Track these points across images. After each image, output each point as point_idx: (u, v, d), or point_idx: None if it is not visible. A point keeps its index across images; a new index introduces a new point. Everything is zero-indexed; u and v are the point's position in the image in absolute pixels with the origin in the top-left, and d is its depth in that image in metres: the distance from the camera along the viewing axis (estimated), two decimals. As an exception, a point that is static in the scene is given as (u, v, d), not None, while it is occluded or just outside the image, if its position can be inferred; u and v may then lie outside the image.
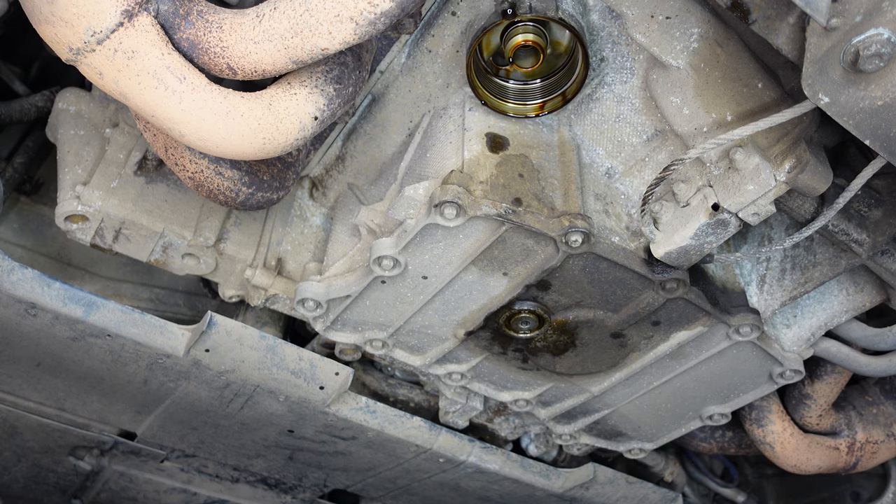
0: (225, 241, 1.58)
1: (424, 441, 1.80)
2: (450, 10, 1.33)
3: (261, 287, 1.60)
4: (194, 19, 1.05)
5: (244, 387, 1.62)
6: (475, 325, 1.52)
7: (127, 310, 1.47)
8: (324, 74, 1.16)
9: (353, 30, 1.02)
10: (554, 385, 1.72)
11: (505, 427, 1.99)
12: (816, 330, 1.61)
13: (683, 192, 1.30)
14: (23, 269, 1.38)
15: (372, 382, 1.92)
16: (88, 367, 1.59)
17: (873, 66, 0.86)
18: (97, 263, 1.83)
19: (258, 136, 1.11)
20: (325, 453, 1.92)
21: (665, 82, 1.28)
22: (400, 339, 1.62)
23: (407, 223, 1.34)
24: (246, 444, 1.92)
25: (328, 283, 1.49)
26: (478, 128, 1.35)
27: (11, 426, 1.84)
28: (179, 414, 1.78)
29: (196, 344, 1.50)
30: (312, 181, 1.67)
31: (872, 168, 1.11)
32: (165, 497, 2.14)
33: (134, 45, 1.00)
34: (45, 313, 1.42)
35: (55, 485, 2.10)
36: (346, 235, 1.57)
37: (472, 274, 1.41)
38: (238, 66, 1.07)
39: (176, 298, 1.91)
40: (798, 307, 1.62)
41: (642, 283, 1.40)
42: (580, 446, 1.96)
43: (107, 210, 1.46)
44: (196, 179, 1.30)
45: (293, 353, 1.59)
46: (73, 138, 1.53)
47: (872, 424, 2.00)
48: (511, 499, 2.07)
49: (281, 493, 2.19)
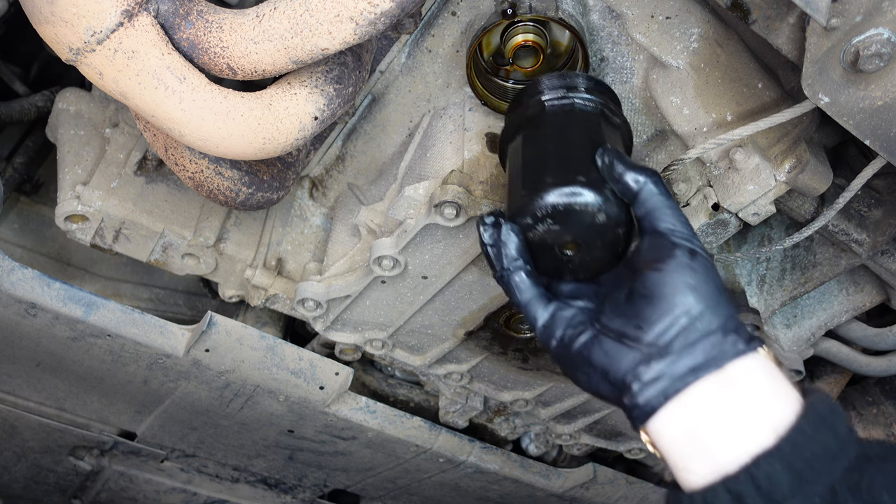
0: (225, 241, 1.58)
1: (424, 441, 1.80)
2: (450, 10, 1.33)
3: (261, 287, 1.60)
4: (194, 19, 1.05)
5: (244, 387, 1.62)
6: (475, 325, 1.52)
7: (127, 310, 1.47)
8: (324, 74, 1.16)
9: (353, 30, 1.02)
10: (554, 385, 1.72)
11: (505, 427, 1.98)
12: (816, 330, 1.61)
13: (683, 192, 1.30)
14: (23, 269, 1.38)
15: (372, 382, 1.92)
16: (88, 367, 1.59)
17: (873, 66, 0.86)
18: (97, 263, 1.83)
19: (258, 136, 1.11)
20: (325, 453, 1.92)
21: (665, 82, 1.28)
22: (400, 339, 1.61)
23: (407, 223, 1.34)
24: (246, 444, 1.92)
25: (328, 283, 1.49)
26: (478, 128, 1.35)
27: (11, 426, 1.84)
28: (179, 414, 1.77)
29: (196, 344, 1.50)
30: (312, 181, 1.67)
31: (872, 168, 1.11)
32: (165, 497, 2.14)
33: (134, 45, 1.00)
34: (45, 313, 1.42)
35: (55, 485, 2.10)
36: (346, 235, 1.57)
37: (473, 274, 1.41)
38: (238, 66, 1.07)
39: (176, 298, 1.91)
40: (798, 307, 1.62)
41: (642, 283, 1.40)
42: (580, 446, 1.96)
43: (107, 210, 1.46)
44: (196, 179, 1.30)
45: (293, 353, 1.59)
46: (73, 138, 1.53)
47: (873, 424, 2.00)
48: (511, 499, 2.07)
49: (281, 493, 2.19)
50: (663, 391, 0.77)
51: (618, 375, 0.81)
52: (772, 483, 0.70)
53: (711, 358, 0.76)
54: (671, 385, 0.77)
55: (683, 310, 0.78)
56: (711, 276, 0.81)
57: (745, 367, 0.77)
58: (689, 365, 0.77)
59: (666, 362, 0.77)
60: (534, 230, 0.90)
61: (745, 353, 0.77)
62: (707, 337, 0.77)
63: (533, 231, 0.90)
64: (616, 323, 0.82)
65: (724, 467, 0.73)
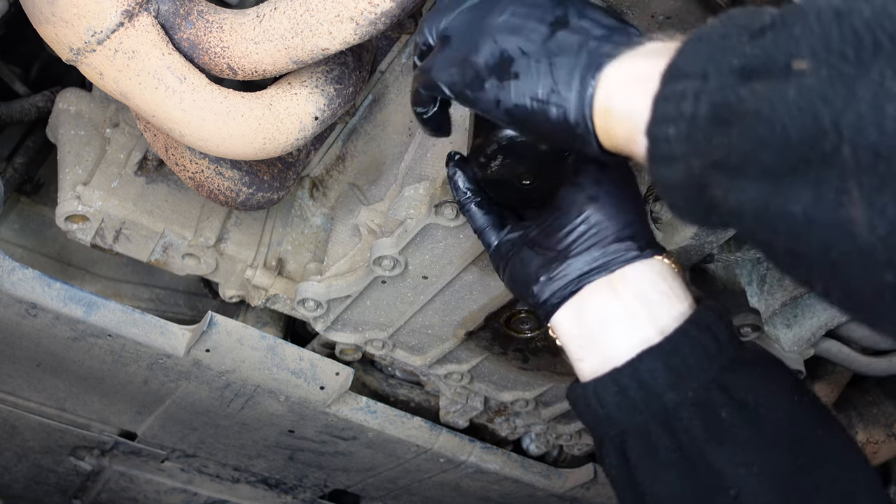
0: (225, 241, 1.58)
1: (425, 441, 1.80)
2: (450, 10, 1.33)
3: (261, 287, 1.60)
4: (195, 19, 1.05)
5: (245, 387, 1.62)
6: (476, 325, 1.52)
7: (127, 310, 1.47)
8: (324, 74, 1.16)
9: (353, 30, 1.02)
10: (555, 385, 1.72)
11: (505, 427, 1.98)
12: (817, 330, 1.61)
13: (684, 191, 1.30)
14: (23, 270, 1.38)
15: (372, 382, 1.91)
16: (89, 368, 1.59)
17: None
18: (97, 264, 1.83)
19: (258, 136, 1.11)
20: (325, 453, 1.92)
21: (665, 82, 1.28)
22: (400, 339, 1.61)
23: (407, 223, 1.34)
24: (246, 445, 1.92)
25: (328, 283, 1.49)
26: (478, 128, 1.35)
27: (12, 426, 1.84)
28: (180, 414, 1.77)
29: (196, 344, 1.50)
30: (313, 181, 1.67)
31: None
32: (166, 497, 2.14)
33: (134, 45, 1.00)
34: (45, 313, 1.42)
35: (56, 485, 2.10)
36: (346, 235, 1.57)
37: (473, 274, 1.41)
38: (238, 66, 1.07)
39: (176, 298, 1.91)
40: (798, 307, 1.62)
41: (643, 283, 1.40)
42: (581, 446, 1.96)
43: (107, 210, 1.46)
44: (196, 179, 1.30)
45: (294, 353, 1.59)
46: (73, 138, 1.53)
47: (873, 424, 2.00)
48: (512, 499, 2.07)
49: (281, 494, 2.19)
50: (560, 292, 0.87)
51: (529, 279, 0.90)
52: (653, 377, 0.78)
53: (603, 263, 0.85)
54: (566, 286, 0.87)
55: (582, 219, 0.87)
56: (617, 188, 0.88)
57: (636, 271, 0.85)
58: (581, 269, 0.86)
59: (563, 266, 0.87)
60: (489, 168, 0.98)
61: (636, 259, 0.85)
62: (600, 243, 0.86)
63: (489, 169, 0.98)
64: (534, 233, 0.92)
65: (613, 361, 0.82)
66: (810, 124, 0.49)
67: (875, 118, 0.45)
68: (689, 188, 0.62)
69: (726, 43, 0.59)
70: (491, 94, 0.81)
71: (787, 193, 0.52)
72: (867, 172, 0.46)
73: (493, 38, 0.81)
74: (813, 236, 0.51)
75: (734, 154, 0.55)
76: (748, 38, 0.57)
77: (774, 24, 0.55)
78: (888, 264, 0.48)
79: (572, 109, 0.75)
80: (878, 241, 0.47)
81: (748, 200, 0.55)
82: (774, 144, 0.52)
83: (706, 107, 0.58)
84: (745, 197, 0.55)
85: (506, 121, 0.84)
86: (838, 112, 0.47)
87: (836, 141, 0.47)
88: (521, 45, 0.79)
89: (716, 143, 0.57)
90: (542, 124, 0.79)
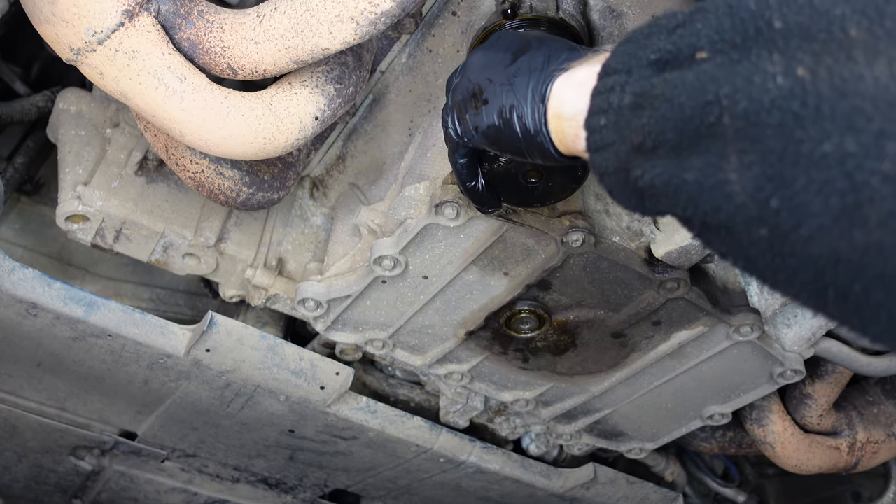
0: (226, 241, 1.58)
1: (425, 441, 1.80)
2: (450, 9, 1.33)
3: (261, 287, 1.60)
4: (195, 19, 1.05)
5: (245, 387, 1.62)
6: (476, 324, 1.52)
7: (128, 310, 1.47)
8: (324, 74, 1.16)
9: (353, 30, 1.02)
10: (555, 385, 1.72)
11: (505, 427, 1.98)
12: (817, 329, 1.61)
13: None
14: (24, 269, 1.38)
15: (373, 382, 1.91)
16: (89, 367, 1.60)
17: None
18: (98, 263, 1.83)
19: (259, 135, 1.11)
20: (325, 453, 1.92)
21: (665, 82, 1.28)
22: (401, 339, 1.62)
23: (407, 223, 1.34)
24: (247, 444, 1.92)
25: (329, 282, 1.49)
26: (478, 128, 1.35)
27: (12, 426, 1.84)
28: (180, 414, 1.78)
29: (197, 344, 1.50)
30: (313, 181, 1.67)
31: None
32: (166, 497, 2.14)
33: (135, 44, 1.00)
34: (45, 313, 1.42)
35: (56, 485, 2.10)
36: (346, 235, 1.57)
37: (473, 274, 1.41)
38: (239, 66, 1.07)
39: (177, 298, 1.91)
40: (798, 307, 1.62)
41: (643, 283, 1.40)
42: (581, 446, 1.96)
43: (108, 210, 1.46)
44: (197, 179, 1.30)
45: (294, 353, 1.59)
46: (73, 138, 1.53)
47: (873, 424, 2.00)
48: (512, 499, 2.07)
49: (282, 493, 2.19)
50: None
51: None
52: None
53: None
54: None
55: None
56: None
57: None
58: None
59: None
60: (497, 161, 1.05)
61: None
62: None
63: (497, 163, 1.05)
64: None
65: None
66: (700, 99, 0.56)
67: (747, 89, 0.53)
68: (619, 172, 0.68)
69: (648, 41, 0.66)
70: (470, 124, 0.94)
71: (685, 165, 0.58)
72: (740, 136, 0.53)
73: (468, 77, 0.95)
74: (704, 201, 0.57)
75: (649, 137, 0.62)
76: (665, 35, 0.64)
77: (685, 22, 0.62)
78: (760, 220, 0.53)
79: (530, 120, 0.85)
80: (748, 198, 0.53)
81: (657, 176, 0.61)
82: (674, 121, 0.58)
83: (629, 97, 0.65)
84: (655, 173, 0.61)
85: (486, 143, 0.94)
86: (720, 87, 0.55)
87: (718, 112, 0.54)
88: (488, 75, 0.92)
89: (634, 126, 0.64)
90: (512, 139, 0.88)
